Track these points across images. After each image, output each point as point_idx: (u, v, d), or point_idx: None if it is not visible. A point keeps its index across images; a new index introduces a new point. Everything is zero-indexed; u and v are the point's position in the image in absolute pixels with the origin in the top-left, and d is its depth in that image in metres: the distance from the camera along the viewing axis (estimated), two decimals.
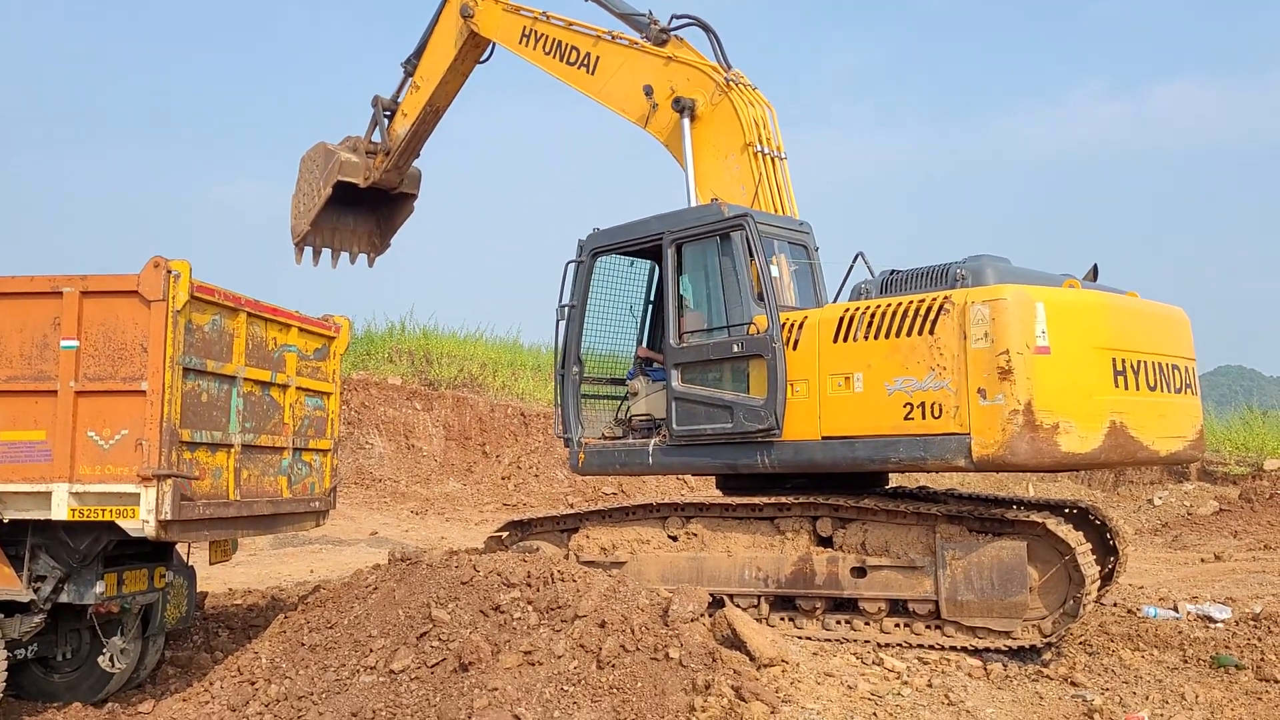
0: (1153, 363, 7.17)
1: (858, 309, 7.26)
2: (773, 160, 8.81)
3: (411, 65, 11.29)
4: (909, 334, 6.92)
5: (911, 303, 6.97)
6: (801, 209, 8.92)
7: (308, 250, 12.37)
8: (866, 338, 7.14)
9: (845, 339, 7.26)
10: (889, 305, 7.09)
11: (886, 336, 7.03)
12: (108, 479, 6.18)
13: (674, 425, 8.17)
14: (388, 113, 11.38)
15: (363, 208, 12.42)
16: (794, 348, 7.51)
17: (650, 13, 9.33)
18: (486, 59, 10.94)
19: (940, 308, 6.80)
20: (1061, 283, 7.17)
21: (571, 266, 8.99)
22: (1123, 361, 6.91)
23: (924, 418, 6.82)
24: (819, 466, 7.49)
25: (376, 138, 11.63)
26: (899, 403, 6.93)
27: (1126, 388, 6.89)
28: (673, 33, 9.18)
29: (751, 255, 7.80)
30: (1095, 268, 7.78)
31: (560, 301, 9.00)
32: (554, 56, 9.86)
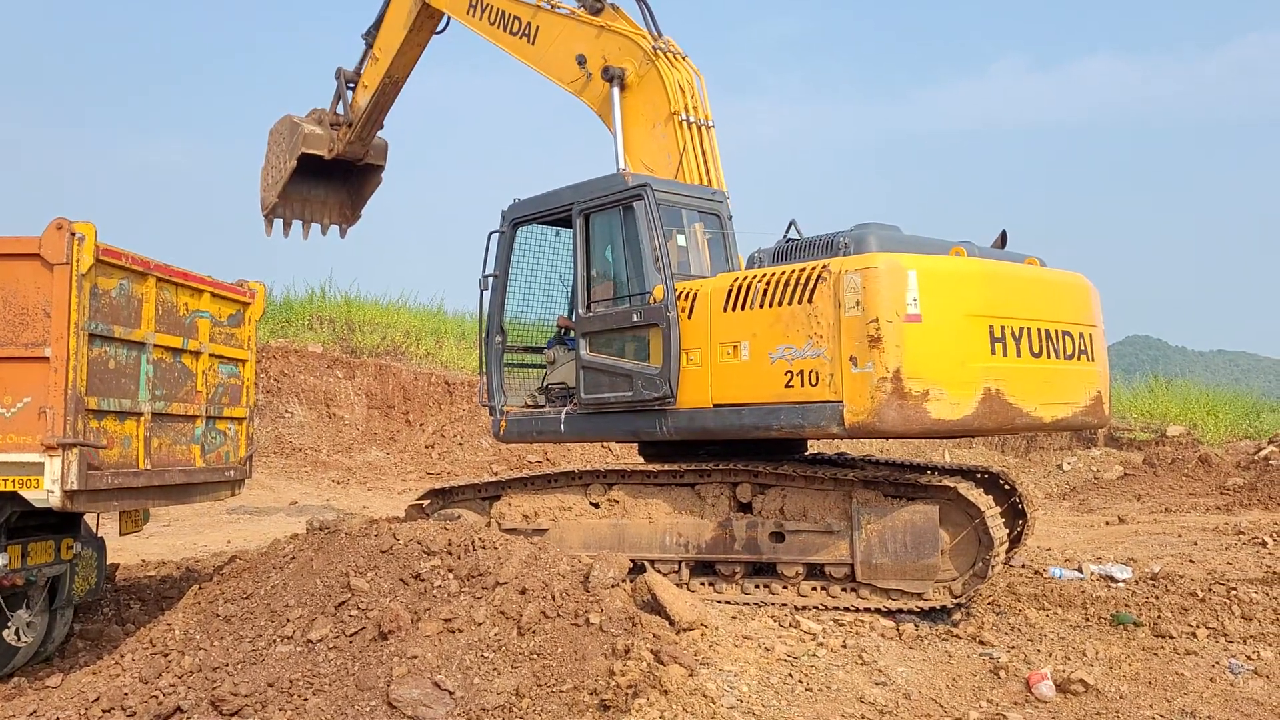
0: (1039, 329, 7.18)
1: (747, 278, 7.33)
2: (700, 129, 8.85)
3: (371, 37, 11.29)
4: (790, 303, 6.97)
5: (793, 272, 7.02)
6: (734, 177, 8.98)
7: (277, 222, 12.41)
8: (753, 306, 7.19)
9: (734, 308, 7.32)
10: (774, 274, 7.15)
11: (771, 305, 7.08)
12: (9, 448, 5.99)
13: (582, 394, 8.28)
14: (350, 85, 11.42)
15: (332, 180, 12.38)
16: (690, 317, 7.58)
17: None
18: (442, 30, 10.97)
19: (818, 277, 6.85)
20: (949, 250, 7.20)
21: (494, 237, 9.01)
22: (1002, 328, 6.91)
23: (803, 385, 6.88)
24: (712, 434, 7.61)
25: (341, 110, 11.64)
26: (781, 370, 7.00)
27: (1005, 354, 6.90)
28: (607, 1, 9.23)
29: (652, 224, 7.84)
30: (1004, 234, 7.90)
31: (484, 272, 9.03)
32: (498, 26, 9.97)
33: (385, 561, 6.26)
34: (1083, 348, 7.61)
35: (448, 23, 10.89)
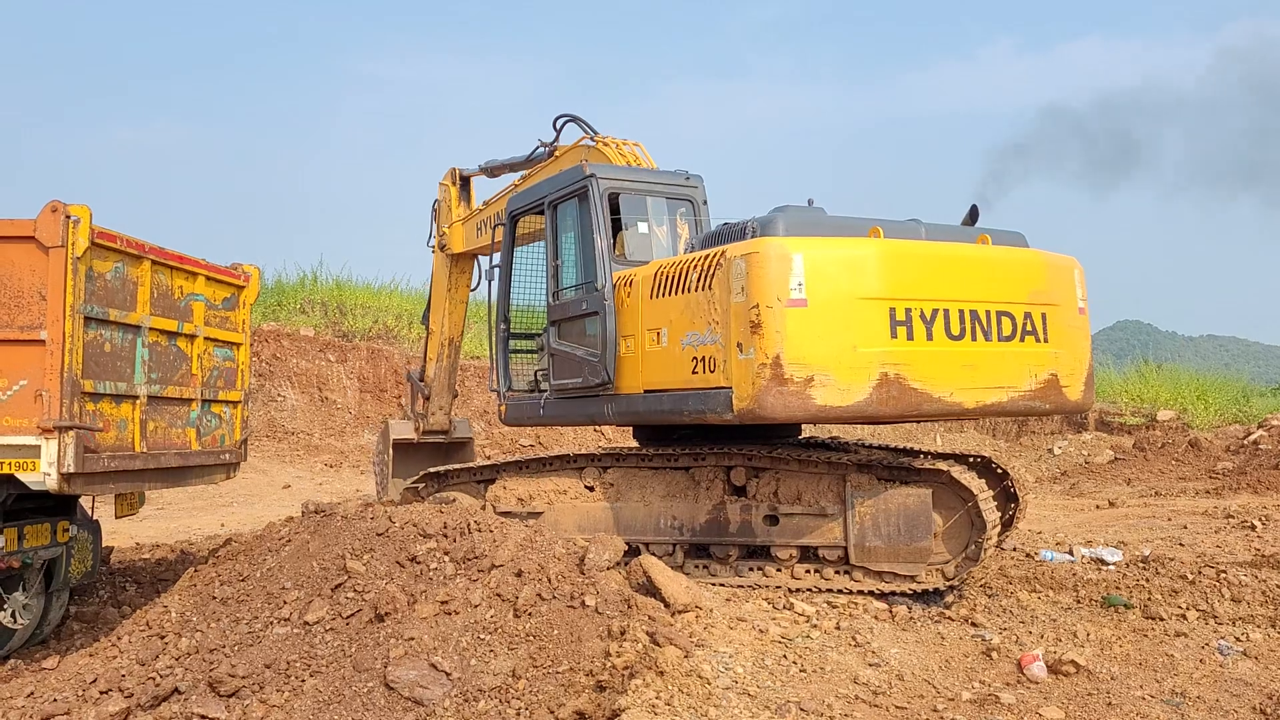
0: (961, 310, 6.86)
1: (667, 265, 7.36)
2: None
3: (426, 317, 12.32)
4: (696, 290, 6.94)
5: (701, 258, 7.01)
6: (722, 161, 9.13)
7: None
8: (671, 293, 7.21)
9: (656, 295, 7.36)
10: (687, 261, 7.16)
11: (682, 292, 7.09)
12: (6, 431, 5.99)
13: (552, 379, 8.45)
14: (422, 379, 12.23)
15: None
16: (628, 304, 7.67)
17: (540, 140, 9.94)
18: (475, 287, 11.81)
19: (716, 263, 6.81)
20: (866, 231, 6.96)
21: (498, 228, 9.29)
22: (906, 311, 6.65)
23: (704, 372, 6.86)
24: (644, 419, 7.71)
25: (420, 404, 12.44)
26: (689, 357, 7.01)
27: (911, 338, 6.64)
28: (558, 140, 9.75)
29: (610, 213, 8.00)
30: (974, 209, 7.80)
31: (490, 263, 9.36)
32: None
33: (381, 544, 6.28)
34: (1029, 328, 7.17)
35: (480, 277, 11.62)
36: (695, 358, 6.94)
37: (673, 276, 7.21)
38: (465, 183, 11.50)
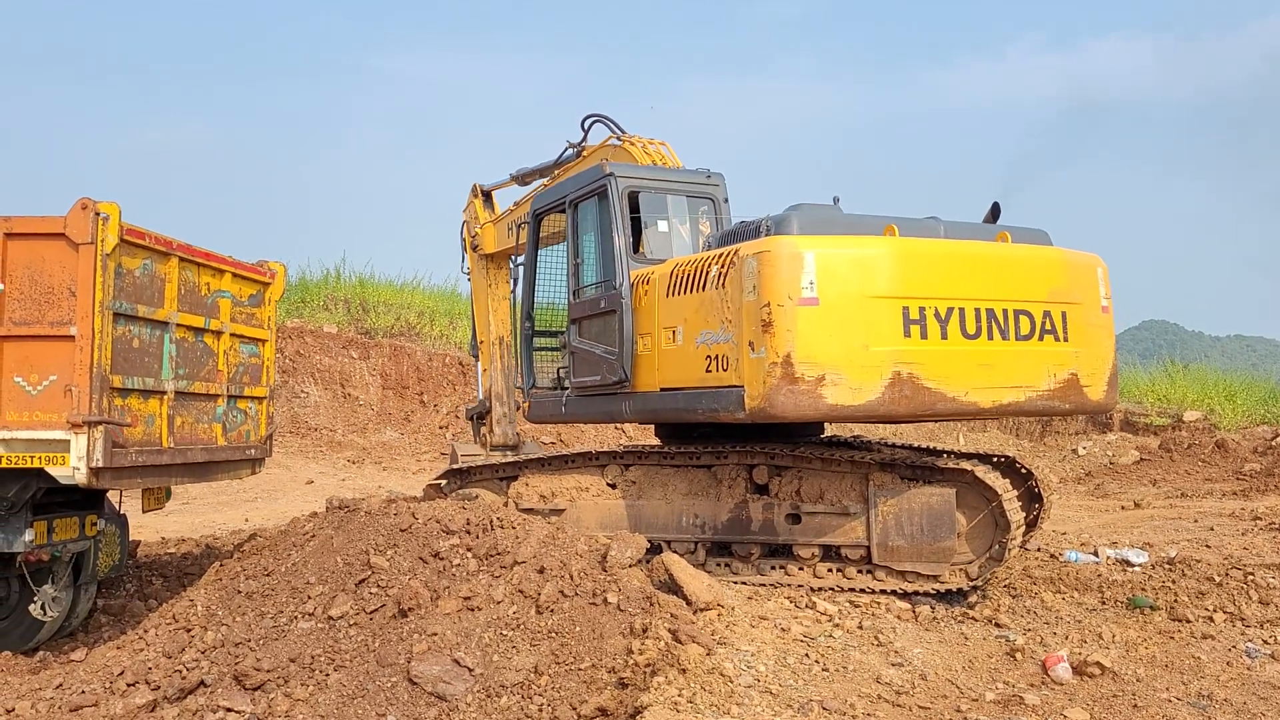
0: (976, 309, 6.79)
1: (683, 264, 7.37)
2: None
3: (473, 348, 12.17)
4: (711, 288, 6.94)
5: (716, 257, 6.99)
6: (744, 159, 9.16)
7: None
8: (686, 292, 7.21)
9: (673, 293, 7.37)
10: (702, 260, 7.16)
11: (697, 290, 7.09)
12: (36, 425, 6.06)
13: (572, 377, 8.52)
14: (481, 418, 11.98)
15: None
16: (645, 302, 7.70)
17: (568, 141, 10.01)
18: (515, 287, 11.57)
19: (730, 262, 6.79)
20: (882, 230, 6.93)
21: (523, 228, 9.41)
22: (920, 309, 6.61)
23: (718, 370, 6.86)
24: (661, 416, 7.75)
25: (483, 430, 12.21)
26: (704, 355, 7.01)
27: (925, 337, 6.60)
28: (586, 140, 9.79)
29: (629, 211, 8.05)
30: (995, 206, 7.72)
31: (514, 260, 9.46)
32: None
33: (404, 540, 6.31)
34: (1048, 327, 7.08)
35: (518, 274, 11.40)
36: (709, 356, 6.95)
37: (688, 275, 7.22)
38: (488, 196, 11.51)
